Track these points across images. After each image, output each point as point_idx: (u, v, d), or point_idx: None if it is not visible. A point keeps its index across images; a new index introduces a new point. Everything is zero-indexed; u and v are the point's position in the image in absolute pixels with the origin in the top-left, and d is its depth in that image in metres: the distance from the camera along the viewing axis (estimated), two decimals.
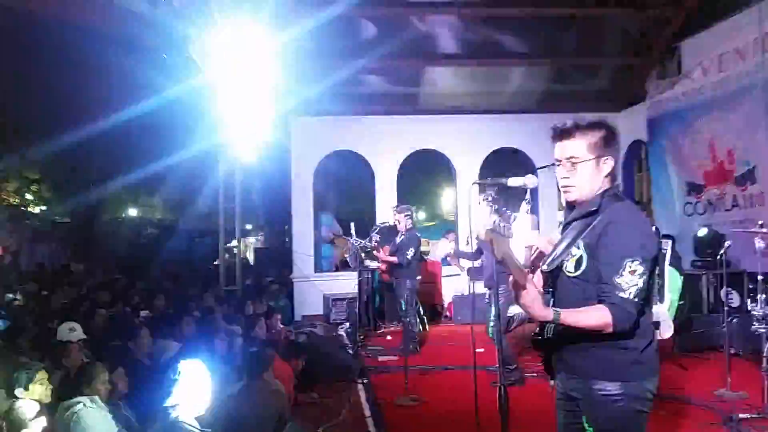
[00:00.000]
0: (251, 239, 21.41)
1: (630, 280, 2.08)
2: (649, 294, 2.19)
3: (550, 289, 2.34)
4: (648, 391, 2.23)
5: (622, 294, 2.07)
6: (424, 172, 15.53)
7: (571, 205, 2.37)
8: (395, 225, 7.98)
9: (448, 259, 7.13)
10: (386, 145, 11.00)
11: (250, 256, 18.22)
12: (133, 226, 26.21)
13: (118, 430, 3.70)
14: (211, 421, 4.06)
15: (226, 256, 11.15)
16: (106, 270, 16.68)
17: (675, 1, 8.83)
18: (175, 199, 24.26)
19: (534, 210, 11.21)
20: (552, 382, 2.47)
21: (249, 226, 20.49)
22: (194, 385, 3.49)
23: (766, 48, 7.59)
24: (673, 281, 5.22)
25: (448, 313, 10.44)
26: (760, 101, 7.67)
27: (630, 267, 2.08)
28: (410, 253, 7.45)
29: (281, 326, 7.26)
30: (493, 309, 5.59)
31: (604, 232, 2.15)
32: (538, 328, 2.33)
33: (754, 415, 4.57)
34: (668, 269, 5.29)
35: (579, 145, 2.26)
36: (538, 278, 2.41)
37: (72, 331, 5.10)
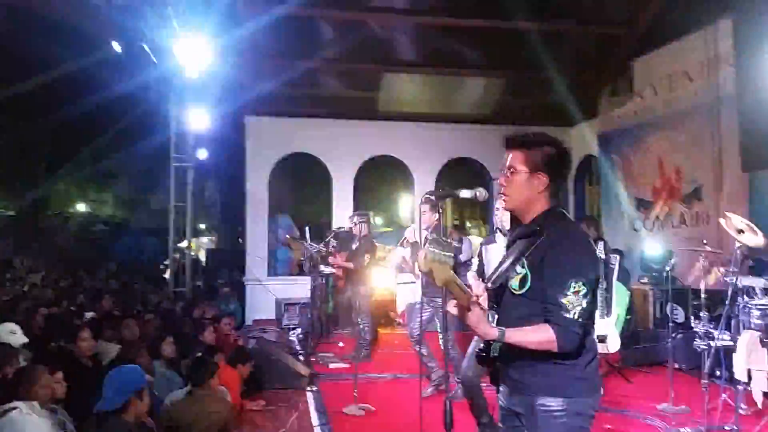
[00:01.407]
0: (205, 239, 20.97)
1: (574, 300, 2.10)
2: (592, 313, 2.21)
3: (495, 306, 2.34)
4: (590, 407, 2.24)
5: (566, 314, 2.09)
6: (382, 178, 15.51)
7: (516, 222, 2.39)
8: (350, 230, 7.95)
9: (402, 265, 7.12)
10: (344, 149, 10.95)
11: (203, 257, 17.87)
12: (81, 221, 25.41)
13: None
14: (154, 427, 3.95)
15: (177, 256, 10.89)
16: (50, 267, 16.14)
17: (628, 20, 9.05)
18: (126, 195, 23.66)
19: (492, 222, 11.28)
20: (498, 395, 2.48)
21: (203, 226, 20.08)
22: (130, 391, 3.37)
23: (713, 70, 7.84)
24: (620, 296, 5.30)
25: (401, 321, 10.43)
26: (707, 122, 7.92)
27: (574, 287, 2.10)
28: (366, 259, 7.43)
29: (231, 331, 7.10)
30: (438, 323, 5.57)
31: (548, 253, 2.17)
32: (483, 345, 2.33)
33: (693, 430, 4.67)
34: (616, 284, 5.38)
35: (518, 157, 2.29)
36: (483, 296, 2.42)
37: (12, 334, 4.90)
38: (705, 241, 5.43)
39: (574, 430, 2.21)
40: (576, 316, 2.10)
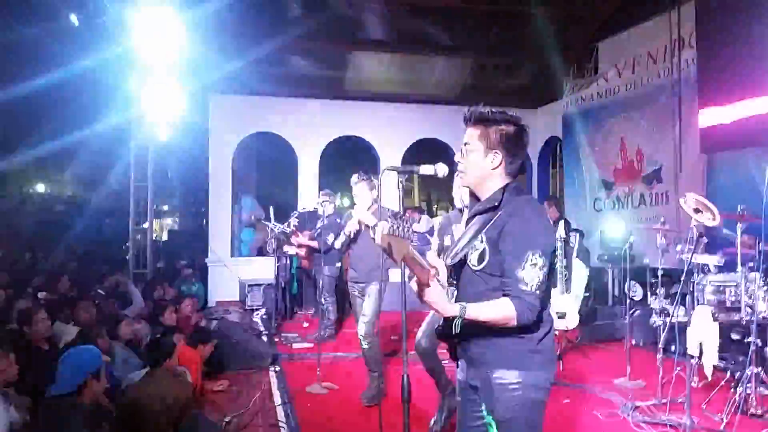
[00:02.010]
0: (168, 220, 20.58)
1: (531, 273, 2.11)
2: (548, 286, 2.23)
3: (454, 282, 2.34)
4: (546, 380, 2.27)
5: (524, 287, 2.11)
6: (348, 158, 15.40)
7: (474, 198, 2.39)
8: (315, 210, 7.89)
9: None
10: (310, 129, 10.85)
11: (165, 239, 17.58)
12: (40, 202, 24.69)
13: (7, 422, 3.47)
14: (112, 409, 3.88)
15: (138, 237, 10.68)
16: (8, 249, 15.70)
17: (594, 2, 9.10)
18: (87, 175, 23.01)
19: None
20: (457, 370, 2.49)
21: (165, 207, 19.70)
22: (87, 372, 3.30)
23: (675, 54, 7.96)
24: (579, 273, 5.40)
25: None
26: (668, 105, 8.05)
27: (531, 260, 2.12)
28: (330, 238, 7.39)
29: (192, 312, 7.02)
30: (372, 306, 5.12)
31: (505, 227, 2.18)
32: (443, 320, 2.33)
33: (648, 403, 4.80)
34: (575, 262, 5.47)
35: (474, 134, 2.31)
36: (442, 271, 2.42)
37: None
38: (663, 220, 5.53)
39: (529, 402, 2.23)
40: (534, 289, 2.11)
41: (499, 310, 2.12)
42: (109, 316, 5.88)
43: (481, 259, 2.23)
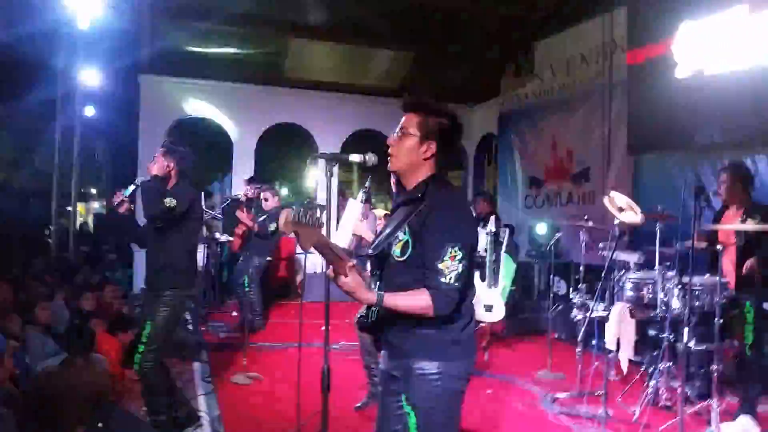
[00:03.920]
0: (95, 204, 19.77)
1: (450, 265, 2.13)
2: (469, 278, 2.25)
3: (378, 272, 2.34)
4: (465, 371, 2.30)
5: (442, 279, 2.12)
6: (287, 147, 15.22)
7: (400, 188, 2.39)
8: (248, 199, 7.76)
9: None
10: (246, 114, 10.61)
11: (91, 223, 16.91)
12: None
13: None
14: (24, 397, 3.70)
15: (61, 220, 10.21)
16: None
17: (534, 2, 9.25)
18: (8, 154, 21.87)
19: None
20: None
21: (93, 190, 18.93)
22: None
23: (606, 56, 8.20)
24: (507, 268, 5.50)
25: (299, 291, 10.36)
26: (598, 106, 8.29)
27: (451, 252, 2.13)
28: (272, 227, 7.31)
29: (114, 299, 6.77)
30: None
31: (428, 218, 2.19)
32: (363, 310, 2.33)
33: (566, 394, 4.95)
34: (504, 256, 5.57)
35: (412, 120, 2.31)
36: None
37: None
38: (586, 217, 5.70)
39: (449, 392, 2.25)
40: (452, 281, 2.13)
41: (416, 300, 2.13)
42: (24, 300, 5.60)
43: (404, 250, 2.22)
